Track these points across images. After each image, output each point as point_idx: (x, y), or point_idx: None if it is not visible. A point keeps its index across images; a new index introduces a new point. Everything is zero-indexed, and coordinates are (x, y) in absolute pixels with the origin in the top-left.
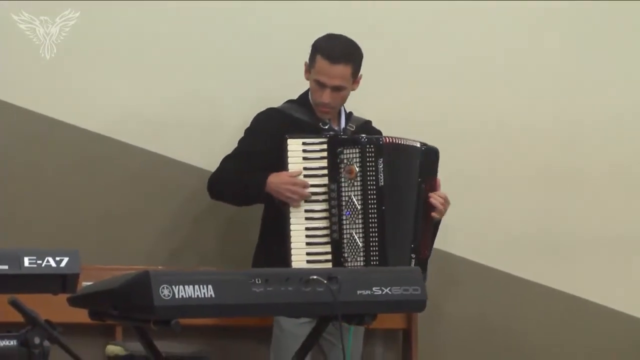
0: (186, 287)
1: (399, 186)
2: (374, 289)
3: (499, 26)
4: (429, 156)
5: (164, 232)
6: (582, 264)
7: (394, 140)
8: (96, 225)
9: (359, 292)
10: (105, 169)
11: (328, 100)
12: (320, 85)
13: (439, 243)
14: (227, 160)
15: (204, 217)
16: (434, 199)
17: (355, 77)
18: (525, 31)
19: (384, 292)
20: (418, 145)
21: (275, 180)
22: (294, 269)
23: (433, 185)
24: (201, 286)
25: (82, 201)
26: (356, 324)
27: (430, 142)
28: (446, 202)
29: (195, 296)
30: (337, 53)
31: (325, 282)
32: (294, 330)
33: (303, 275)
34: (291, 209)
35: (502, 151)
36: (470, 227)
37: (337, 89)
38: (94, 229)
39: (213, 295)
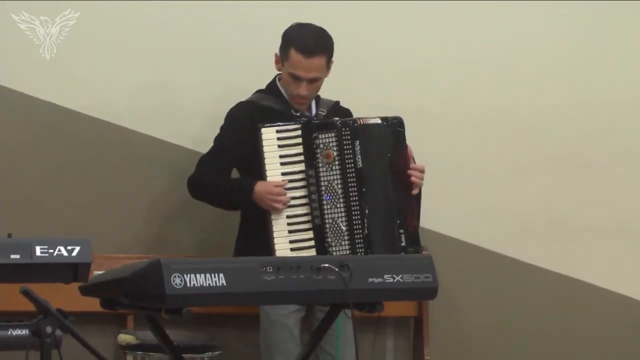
0: (197, 275)
1: (374, 165)
2: (385, 276)
3: (505, 11)
4: (393, 128)
5: (173, 221)
6: (591, 250)
7: (365, 121)
8: (106, 213)
9: (370, 279)
10: (117, 159)
11: (305, 93)
12: (296, 78)
13: (450, 231)
14: (204, 162)
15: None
16: (411, 173)
17: (328, 66)
18: (533, 15)
19: (395, 280)
20: (379, 121)
21: (261, 189)
22: (305, 256)
23: (405, 155)
24: (212, 275)
25: (92, 190)
26: (367, 311)
27: (436, 131)
28: (421, 172)
29: (207, 285)
30: (312, 46)
31: (336, 269)
32: (282, 320)
33: (314, 263)
34: None
35: (510, 137)
36: (480, 214)
37: (312, 80)
38: (105, 217)
39: (224, 284)
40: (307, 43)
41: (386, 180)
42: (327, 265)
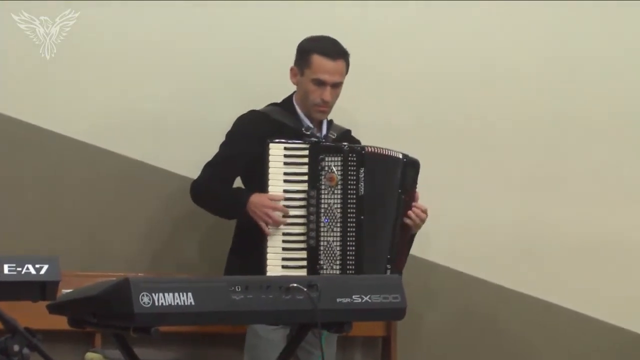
0: (166, 294)
1: (379, 196)
2: (353, 296)
3: (483, 29)
4: (410, 168)
5: (143, 238)
6: (561, 272)
7: (376, 150)
8: (76, 232)
9: (338, 299)
10: (86, 176)
11: (329, 98)
12: (319, 83)
13: (419, 251)
14: (209, 168)
15: (184, 223)
16: (414, 212)
17: (347, 73)
18: (510, 34)
19: (363, 300)
20: (400, 156)
21: (256, 200)
22: (274, 276)
23: (412, 197)
24: (181, 294)
25: (61, 207)
26: (335, 331)
27: (408, 148)
28: (425, 215)
29: (175, 304)
30: (334, 50)
31: (305, 289)
32: (269, 336)
33: (283, 283)
34: None
35: (481, 157)
36: (449, 235)
37: (336, 85)
38: (74, 235)
39: (193, 303)
40: (329, 47)
41: (388, 214)
42: (295, 285)
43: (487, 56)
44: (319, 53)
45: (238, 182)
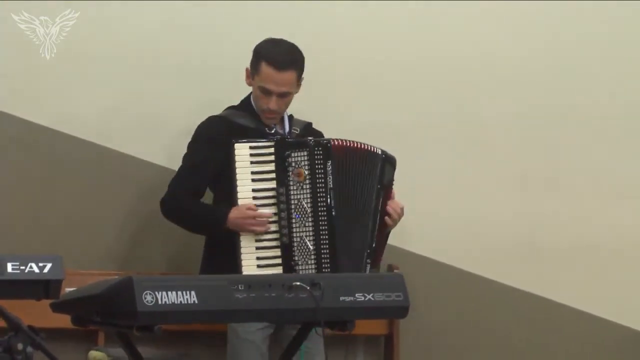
0: (169, 293)
1: (352, 190)
2: (356, 295)
3: (481, 30)
4: (388, 164)
5: (147, 237)
6: (563, 270)
7: (344, 143)
8: (79, 230)
9: (341, 298)
10: (89, 174)
11: (275, 107)
12: (266, 92)
13: (421, 249)
14: (175, 182)
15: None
16: (391, 207)
17: (299, 82)
18: (508, 36)
19: (366, 299)
20: (379, 152)
21: (237, 215)
22: (277, 274)
23: (389, 194)
24: (184, 292)
25: (64, 206)
26: (338, 330)
27: (404, 146)
28: (401, 212)
29: (179, 302)
30: (283, 60)
31: (308, 288)
32: (249, 337)
33: (286, 282)
34: None
35: (483, 157)
36: (452, 233)
37: (283, 95)
38: (77, 234)
39: (196, 301)
40: (279, 57)
41: (366, 208)
42: (298, 283)
43: (485, 54)
44: (268, 62)
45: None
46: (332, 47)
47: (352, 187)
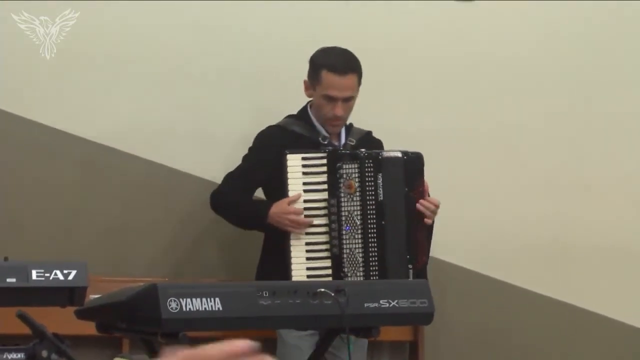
0: (194, 299)
1: (392, 199)
2: (381, 301)
3: (503, 30)
4: (412, 164)
5: (170, 243)
6: (586, 275)
7: (385, 154)
8: (103, 237)
9: (366, 304)
10: (112, 180)
11: (341, 113)
12: (330, 99)
13: (445, 255)
14: (230, 179)
15: (209, 227)
16: (422, 205)
17: (359, 85)
18: (532, 34)
19: (391, 305)
20: (400, 155)
21: (276, 210)
22: (301, 281)
23: (421, 191)
24: (208, 299)
25: (88, 212)
26: (363, 336)
27: (431, 150)
28: (434, 206)
29: (203, 309)
30: (344, 65)
31: (332, 294)
32: (296, 342)
33: (310, 288)
34: None
35: (506, 160)
36: (478, 238)
37: (347, 99)
38: (101, 241)
39: (220, 308)
40: (339, 63)
41: (401, 214)
42: (323, 290)
43: (511, 58)
44: (329, 69)
45: (259, 194)
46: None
47: (392, 196)
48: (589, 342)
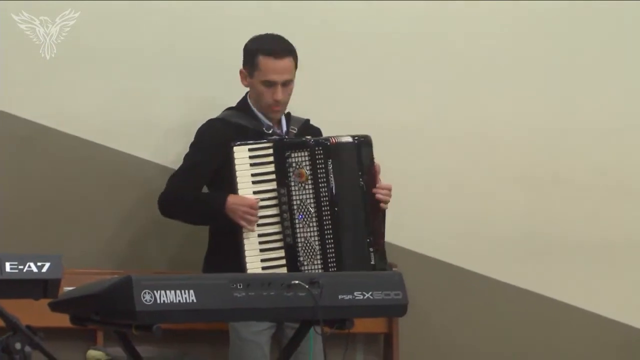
0: (168, 292)
1: (345, 184)
2: (355, 293)
3: (483, 30)
4: (364, 147)
5: (145, 236)
6: (566, 269)
7: (337, 140)
8: (77, 229)
9: (340, 296)
10: (86, 173)
11: (281, 97)
12: (269, 84)
13: (421, 247)
14: (175, 179)
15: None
16: (378, 192)
17: (296, 69)
18: (509, 35)
19: (365, 297)
20: (351, 139)
21: (233, 200)
22: (276, 273)
23: (373, 173)
24: (183, 291)
25: (63, 204)
26: (338, 328)
27: (406, 144)
28: (389, 191)
29: (177, 301)
30: (279, 48)
31: (306, 286)
32: (253, 338)
33: (285, 280)
34: None
35: (485, 154)
36: (452, 230)
37: (286, 83)
38: (75, 233)
39: (194, 300)
40: (274, 46)
41: (356, 198)
42: (297, 282)
43: (491, 55)
44: (265, 54)
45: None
46: (334, 44)
47: (344, 182)
48: (567, 334)
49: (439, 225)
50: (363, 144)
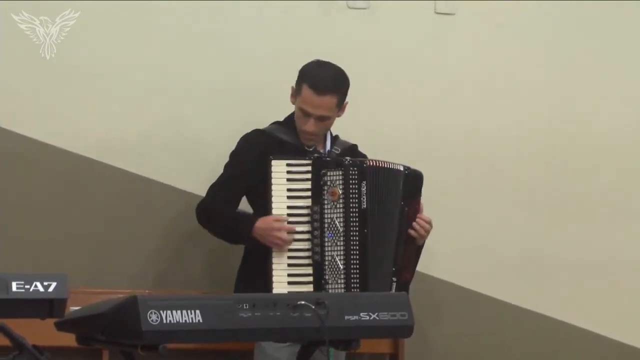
0: (174, 312)
1: (382, 209)
2: (361, 314)
3: (484, 45)
4: (412, 180)
5: (151, 255)
6: (568, 289)
7: (378, 164)
8: (83, 249)
9: (346, 317)
10: (93, 192)
11: (312, 129)
12: (304, 113)
13: (426, 267)
14: (214, 189)
15: (191, 240)
16: (417, 223)
17: (340, 107)
18: (512, 50)
19: (371, 318)
20: (401, 168)
21: (262, 225)
22: (281, 294)
23: (416, 209)
24: (189, 311)
25: (70, 224)
26: (343, 349)
27: (414, 165)
28: (429, 226)
29: (183, 321)
30: (324, 84)
31: (312, 307)
32: (276, 354)
33: (290, 301)
34: None
35: (488, 174)
36: (456, 251)
37: (321, 118)
38: (82, 252)
39: (201, 321)
40: (320, 81)
41: (391, 227)
42: (303, 302)
43: (491, 71)
44: (309, 85)
45: (244, 201)
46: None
47: (381, 206)
48: (572, 355)
49: (444, 246)
50: (412, 175)
